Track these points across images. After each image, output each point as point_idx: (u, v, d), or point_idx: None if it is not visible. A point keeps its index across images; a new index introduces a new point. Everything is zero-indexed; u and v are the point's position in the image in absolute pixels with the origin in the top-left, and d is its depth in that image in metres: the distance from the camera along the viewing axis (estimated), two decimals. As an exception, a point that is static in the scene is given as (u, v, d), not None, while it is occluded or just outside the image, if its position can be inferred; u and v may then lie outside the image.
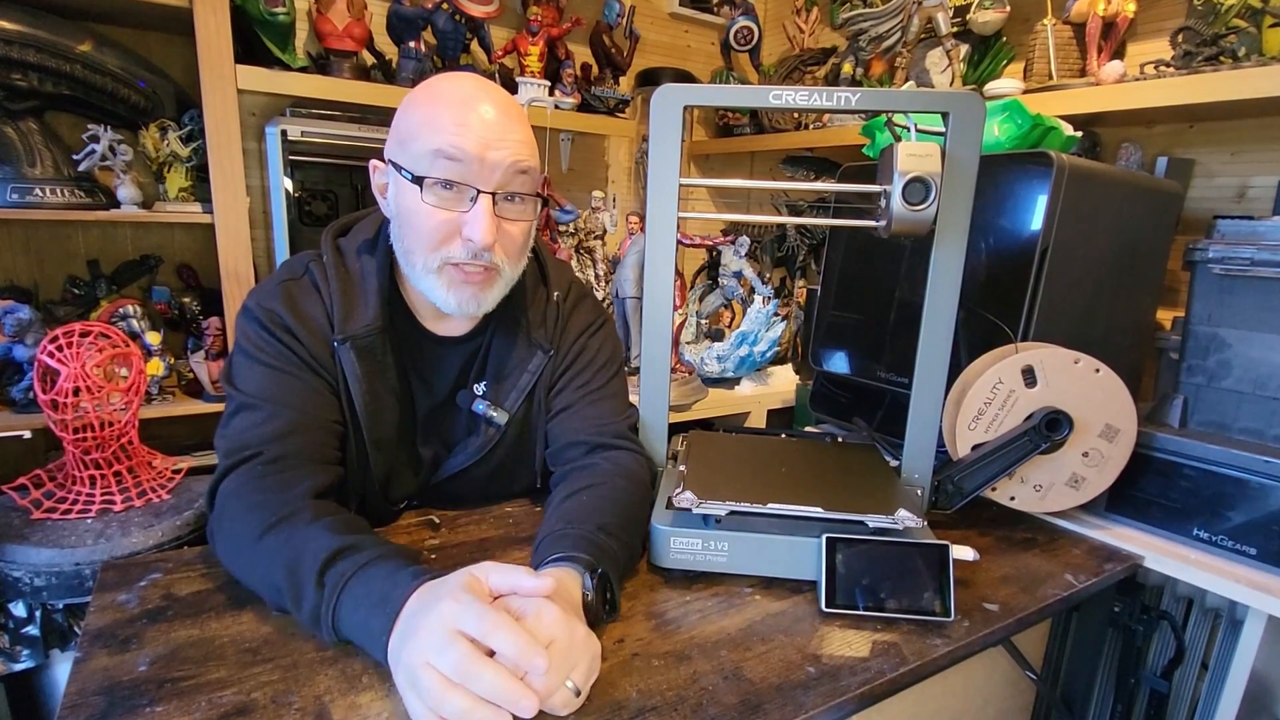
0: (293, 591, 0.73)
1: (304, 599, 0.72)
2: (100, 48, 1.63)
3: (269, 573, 0.76)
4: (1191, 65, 1.42)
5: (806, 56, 2.47)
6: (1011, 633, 0.89)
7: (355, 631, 0.70)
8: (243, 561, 0.80)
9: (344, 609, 0.70)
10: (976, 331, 1.20)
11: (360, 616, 0.70)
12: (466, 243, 0.88)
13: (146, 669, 0.69)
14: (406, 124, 0.89)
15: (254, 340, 0.92)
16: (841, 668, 0.76)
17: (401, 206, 0.90)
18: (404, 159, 0.88)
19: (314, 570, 0.72)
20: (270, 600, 0.78)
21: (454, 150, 0.85)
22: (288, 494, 0.82)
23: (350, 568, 0.72)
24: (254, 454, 0.85)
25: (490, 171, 0.87)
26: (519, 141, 0.89)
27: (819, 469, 1.10)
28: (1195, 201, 1.61)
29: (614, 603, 0.80)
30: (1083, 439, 1.07)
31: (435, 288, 0.92)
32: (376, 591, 0.70)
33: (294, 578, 0.73)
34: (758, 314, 2.13)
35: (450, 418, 1.07)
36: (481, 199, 0.87)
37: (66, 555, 1.19)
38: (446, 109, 0.87)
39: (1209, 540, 1.08)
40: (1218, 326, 1.16)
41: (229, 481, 0.84)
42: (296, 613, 0.74)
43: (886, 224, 0.97)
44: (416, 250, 0.90)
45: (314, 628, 0.73)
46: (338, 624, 0.71)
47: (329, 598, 0.71)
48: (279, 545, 0.76)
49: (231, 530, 0.81)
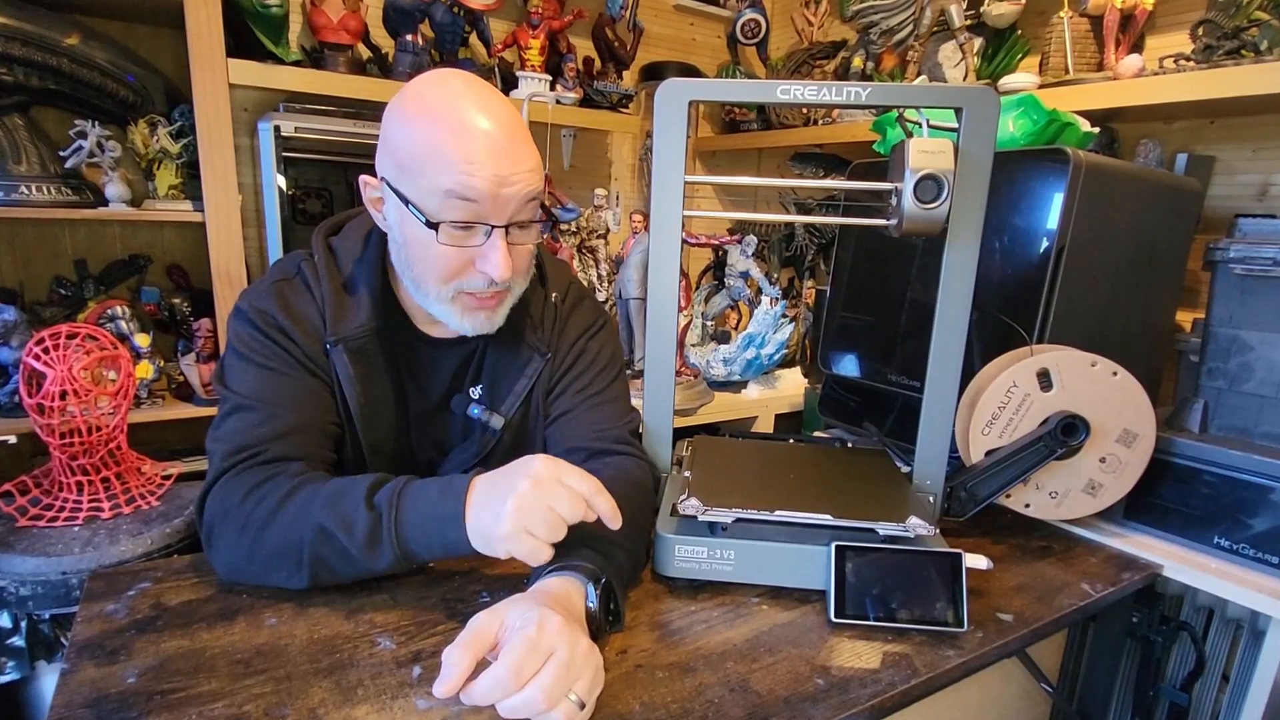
0: (340, 522, 0.78)
1: (356, 524, 0.78)
2: (88, 41, 1.63)
3: (304, 524, 0.79)
4: (1212, 59, 1.42)
5: (815, 50, 2.47)
6: (1026, 644, 0.89)
7: (424, 528, 0.77)
8: (268, 535, 0.81)
9: (405, 513, 0.78)
10: (990, 334, 1.20)
11: (425, 512, 0.77)
12: (482, 276, 0.89)
13: (135, 681, 0.70)
14: (404, 147, 0.86)
15: (247, 342, 0.93)
16: (851, 680, 0.76)
17: (408, 237, 0.89)
18: (408, 190, 0.86)
19: (360, 496, 0.79)
20: (309, 557, 0.80)
21: (467, 190, 0.83)
22: (293, 473, 0.86)
23: (397, 485, 0.80)
24: (252, 454, 0.87)
25: (503, 206, 0.86)
26: (529, 170, 0.87)
27: (828, 475, 1.10)
28: (1216, 200, 1.61)
29: (618, 613, 0.80)
30: (1100, 444, 1.07)
31: (449, 314, 0.93)
32: (434, 487, 0.78)
33: (336, 510, 0.78)
34: (765, 315, 2.13)
35: (445, 422, 1.07)
36: (496, 233, 0.87)
37: (53, 564, 1.19)
38: (451, 138, 0.83)
39: (1230, 549, 1.08)
40: (1239, 328, 1.16)
41: (226, 481, 0.85)
42: (349, 541, 0.78)
43: (898, 223, 0.97)
44: (428, 280, 0.91)
45: (372, 550, 0.78)
46: (401, 530, 0.78)
47: (388, 510, 0.78)
48: (308, 498, 0.81)
49: (242, 517, 0.82)
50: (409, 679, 0.72)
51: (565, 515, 0.74)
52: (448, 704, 0.68)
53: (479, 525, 0.76)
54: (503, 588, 0.90)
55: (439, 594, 0.88)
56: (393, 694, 0.70)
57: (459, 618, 0.81)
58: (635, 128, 2.54)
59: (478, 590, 0.90)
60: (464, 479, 0.79)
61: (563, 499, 0.74)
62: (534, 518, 0.73)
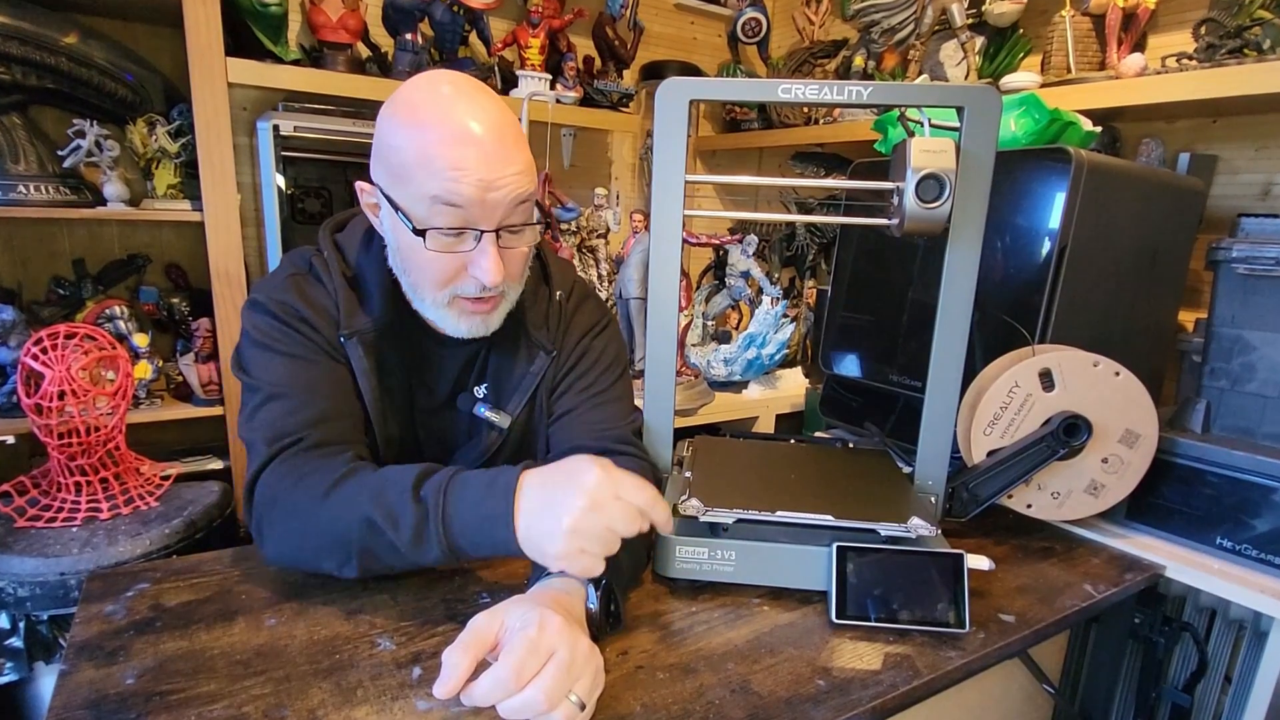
0: (388, 517, 0.77)
1: (402, 519, 0.76)
2: (86, 40, 1.63)
3: (351, 515, 0.78)
4: (1215, 58, 1.43)
5: (816, 49, 2.47)
6: (1028, 645, 0.90)
7: (473, 526, 0.75)
8: (317, 522, 0.81)
9: (454, 507, 0.76)
10: (992, 333, 1.21)
11: (473, 509, 0.75)
12: (474, 281, 0.90)
13: (134, 682, 0.70)
14: (394, 155, 0.86)
15: (269, 332, 0.93)
16: (852, 681, 0.76)
17: (400, 242, 0.90)
18: (398, 196, 0.87)
19: (407, 489, 0.77)
20: (358, 548, 0.79)
21: (453, 196, 0.84)
22: (342, 460, 0.85)
23: (444, 478, 0.78)
24: (296, 439, 0.87)
25: (491, 211, 0.86)
26: (517, 174, 0.87)
27: (829, 476, 1.11)
28: (1218, 199, 1.61)
29: (618, 614, 0.80)
30: (1102, 445, 1.07)
31: (445, 319, 0.94)
32: (479, 481, 0.77)
33: (382, 503, 0.77)
34: (766, 315, 2.13)
35: (450, 421, 1.07)
36: (485, 238, 0.87)
37: (51, 565, 1.19)
38: (438, 144, 0.83)
39: (1233, 549, 1.08)
40: (1242, 328, 1.16)
41: (274, 469, 0.85)
42: (395, 535, 0.77)
43: (899, 222, 0.97)
44: (423, 286, 0.92)
45: (418, 546, 0.77)
46: (449, 526, 0.76)
47: (434, 505, 0.76)
48: (354, 488, 0.80)
49: (292, 504, 0.82)
50: (409, 680, 0.72)
51: (622, 532, 0.73)
52: (448, 705, 0.68)
53: (531, 535, 0.74)
54: (503, 589, 0.90)
55: (439, 594, 0.88)
56: (393, 695, 0.70)
57: (459, 618, 0.81)
58: (635, 127, 2.55)
59: (478, 591, 0.90)
60: (512, 473, 0.77)
61: (619, 517, 0.73)
62: (591, 537, 0.72)
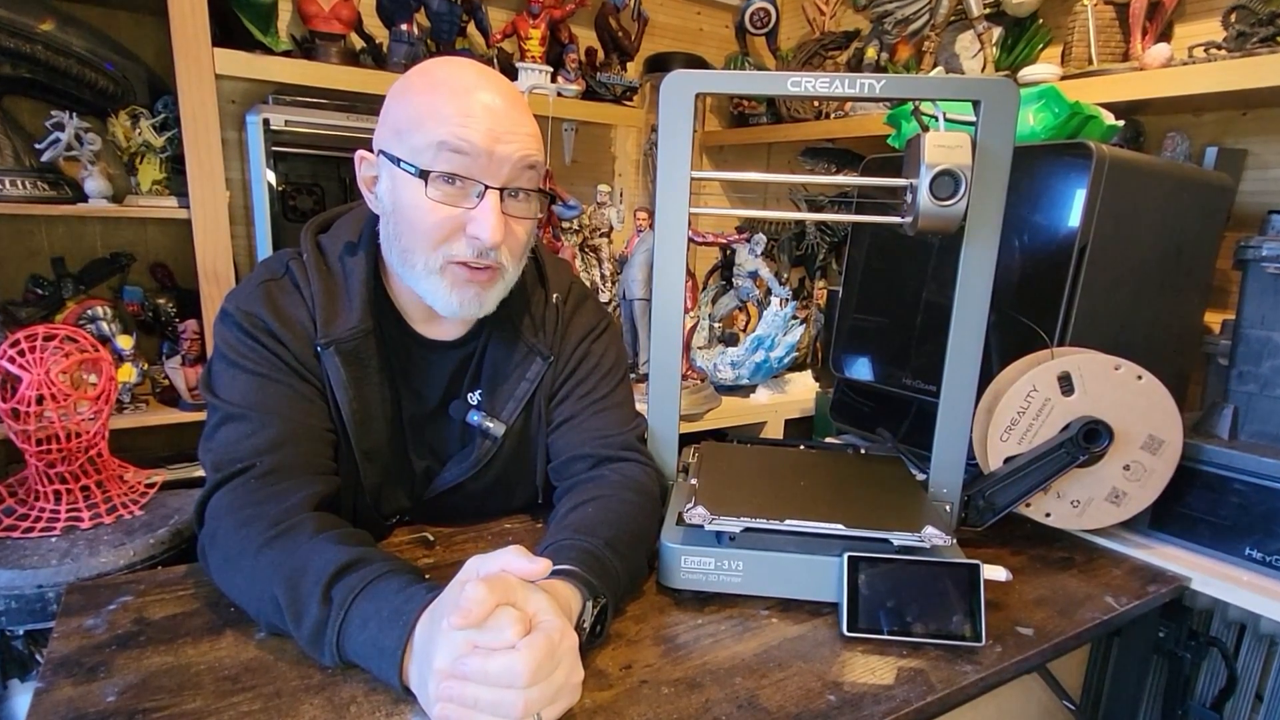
0: (293, 607, 0.74)
1: (305, 615, 0.73)
2: (63, 27, 1.62)
3: (266, 587, 0.76)
4: (1245, 47, 1.42)
5: (827, 40, 2.47)
6: (1047, 659, 0.89)
7: (364, 652, 0.71)
8: (238, 578, 0.81)
9: (352, 625, 0.72)
10: (1009, 336, 1.21)
11: (370, 633, 0.71)
12: (473, 240, 0.89)
13: (115, 699, 0.70)
14: (402, 113, 0.90)
15: (235, 346, 0.93)
16: (864, 696, 0.76)
17: (399, 202, 0.91)
18: (403, 151, 0.89)
19: (319, 583, 0.73)
20: (265, 619, 0.79)
21: (460, 143, 0.86)
22: (285, 505, 0.83)
23: (359, 582, 0.74)
24: (245, 467, 0.86)
25: (498, 166, 0.88)
26: (527, 135, 0.90)
27: (840, 483, 1.11)
28: (1248, 195, 1.61)
29: (603, 631, 0.81)
30: (1124, 451, 1.07)
31: (437, 289, 0.93)
32: (388, 606, 0.72)
33: (295, 591, 0.74)
34: (775, 317, 2.13)
35: (442, 428, 1.07)
36: (489, 195, 0.88)
37: (28, 576, 1.19)
38: (449, 98, 0.87)
39: (1262, 561, 1.08)
40: (1272, 330, 1.16)
41: (220, 497, 0.85)
42: (295, 631, 0.74)
43: (913, 220, 0.97)
44: (416, 249, 0.91)
45: (314, 647, 0.74)
46: (343, 642, 0.72)
47: (337, 612, 0.72)
48: (280, 559, 0.77)
49: (226, 546, 0.82)
50: (402, 695, 0.72)
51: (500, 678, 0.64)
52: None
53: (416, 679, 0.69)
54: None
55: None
56: (387, 711, 0.70)
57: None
58: (639, 121, 2.55)
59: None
60: (419, 600, 0.72)
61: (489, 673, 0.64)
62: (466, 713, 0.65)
